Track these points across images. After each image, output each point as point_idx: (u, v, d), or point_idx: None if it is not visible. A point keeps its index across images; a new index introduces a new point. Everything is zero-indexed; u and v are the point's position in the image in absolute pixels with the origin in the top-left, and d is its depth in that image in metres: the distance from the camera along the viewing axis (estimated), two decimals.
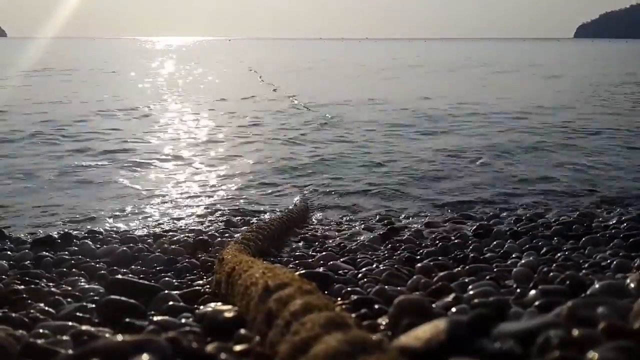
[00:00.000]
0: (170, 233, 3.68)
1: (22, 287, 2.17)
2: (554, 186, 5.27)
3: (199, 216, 4.39)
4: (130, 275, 2.55)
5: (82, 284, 2.40)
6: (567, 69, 26.20)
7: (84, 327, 1.55)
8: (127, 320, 1.56)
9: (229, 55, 50.11)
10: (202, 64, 32.88)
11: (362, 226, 3.97)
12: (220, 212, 4.47)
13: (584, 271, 2.40)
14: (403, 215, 4.38)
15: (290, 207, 4.38)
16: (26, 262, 2.86)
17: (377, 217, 4.27)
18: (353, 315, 1.56)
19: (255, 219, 4.21)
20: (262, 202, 4.85)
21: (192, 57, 43.00)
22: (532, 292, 1.71)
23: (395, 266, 2.62)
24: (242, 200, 4.88)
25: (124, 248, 3.10)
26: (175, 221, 4.24)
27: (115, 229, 3.94)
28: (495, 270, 2.50)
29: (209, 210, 4.57)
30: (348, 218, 4.33)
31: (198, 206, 4.72)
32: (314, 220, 4.26)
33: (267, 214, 4.41)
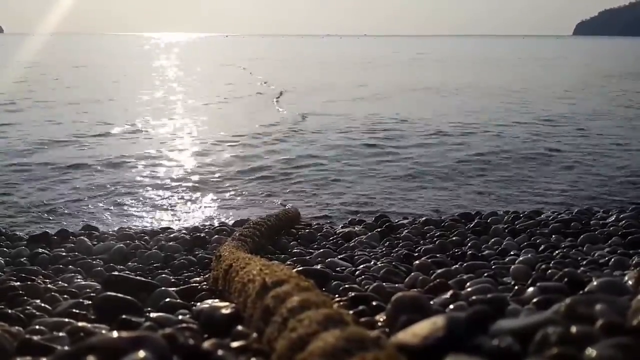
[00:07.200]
0: (167, 230, 3.68)
1: (19, 283, 2.16)
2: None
3: (196, 213, 4.39)
4: (127, 272, 2.54)
5: (79, 280, 2.39)
6: None
7: (80, 324, 1.54)
8: (124, 316, 1.55)
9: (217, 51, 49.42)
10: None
11: (361, 224, 3.96)
12: (217, 210, 4.46)
13: (582, 268, 2.40)
14: (401, 213, 4.38)
15: (286, 207, 4.37)
16: (22, 259, 2.85)
17: (375, 214, 4.26)
18: (351, 312, 1.55)
19: (252, 216, 4.20)
20: (260, 200, 4.84)
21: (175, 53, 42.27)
22: (531, 289, 1.71)
23: (393, 263, 2.62)
24: (240, 197, 4.87)
25: (121, 245, 3.09)
26: (172, 218, 4.23)
27: (111, 226, 3.93)
28: (493, 267, 2.49)
29: (206, 207, 4.57)
30: (346, 215, 4.32)
31: (195, 203, 4.71)
32: (310, 217, 4.26)
33: (265, 211, 4.40)
